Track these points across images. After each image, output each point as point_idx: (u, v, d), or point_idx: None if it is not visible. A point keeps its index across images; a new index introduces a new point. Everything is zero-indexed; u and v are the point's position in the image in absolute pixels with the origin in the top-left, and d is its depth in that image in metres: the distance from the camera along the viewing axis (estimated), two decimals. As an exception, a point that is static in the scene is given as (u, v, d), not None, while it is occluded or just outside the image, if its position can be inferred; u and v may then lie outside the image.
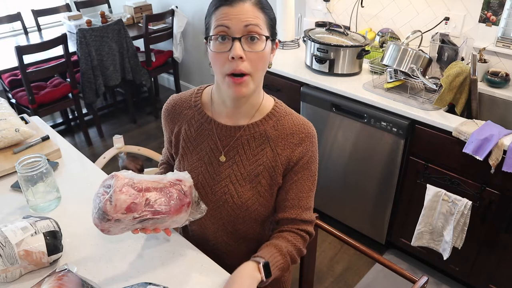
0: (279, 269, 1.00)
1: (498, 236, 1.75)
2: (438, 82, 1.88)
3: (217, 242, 1.15)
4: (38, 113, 2.86)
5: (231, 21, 0.88)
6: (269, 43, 0.94)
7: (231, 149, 1.05)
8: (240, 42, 0.89)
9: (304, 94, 2.18)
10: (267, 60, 0.96)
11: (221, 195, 1.05)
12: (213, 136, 1.06)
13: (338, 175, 2.23)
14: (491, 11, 1.96)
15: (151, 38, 3.42)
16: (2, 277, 0.96)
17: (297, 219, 1.06)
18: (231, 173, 1.05)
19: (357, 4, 2.44)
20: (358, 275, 2.16)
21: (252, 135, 1.04)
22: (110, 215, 0.87)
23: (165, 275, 1.01)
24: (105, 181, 0.92)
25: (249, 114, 1.04)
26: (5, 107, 1.53)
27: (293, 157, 1.03)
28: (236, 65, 0.90)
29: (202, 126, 1.07)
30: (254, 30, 0.89)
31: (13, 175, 1.36)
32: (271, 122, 1.04)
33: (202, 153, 1.07)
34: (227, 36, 0.89)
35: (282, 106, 1.07)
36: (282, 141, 1.03)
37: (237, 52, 0.88)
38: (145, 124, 3.71)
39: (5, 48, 3.16)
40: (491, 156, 1.59)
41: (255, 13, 0.90)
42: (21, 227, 0.98)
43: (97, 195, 0.90)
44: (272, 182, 1.04)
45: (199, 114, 1.08)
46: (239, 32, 0.89)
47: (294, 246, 1.04)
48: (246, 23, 0.88)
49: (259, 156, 1.03)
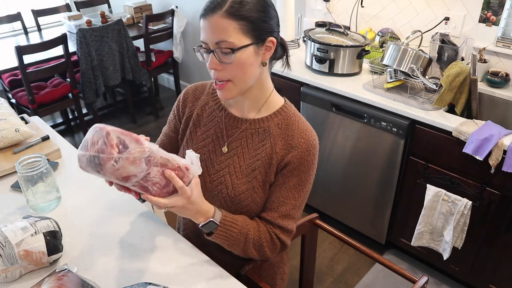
0: (224, 237, 0.99)
1: (498, 236, 1.75)
2: (438, 82, 1.88)
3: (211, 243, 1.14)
4: (38, 113, 2.85)
5: (205, 36, 0.92)
6: (248, 50, 0.93)
7: (234, 140, 1.07)
8: (214, 54, 0.92)
9: (304, 94, 2.18)
10: (247, 67, 0.95)
11: (217, 184, 1.07)
12: (221, 124, 1.09)
13: (338, 175, 2.23)
14: (491, 11, 1.96)
15: (151, 38, 3.42)
16: (2, 277, 0.96)
17: (272, 222, 1.04)
18: (230, 164, 1.06)
19: (357, 4, 2.44)
20: (358, 275, 2.16)
21: (257, 130, 1.05)
22: (103, 171, 0.81)
23: (165, 275, 1.01)
24: (126, 134, 0.82)
25: (255, 107, 1.06)
26: (5, 107, 1.53)
27: (285, 158, 1.02)
28: (214, 74, 0.96)
29: (213, 113, 1.11)
30: (222, 45, 0.91)
31: (13, 175, 1.36)
32: (277, 119, 1.05)
33: (208, 140, 1.10)
34: (206, 49, 0.94)
35: (291, 107, 1.08)
36: (282, 141, 1.03)
37: (210, 65, 0.94)
38: (145, 124, 3.71)
39: (5, 48, 3.16)
40: (491, 156, 1.59)
41: (224, 25, 0.89)
42: (21, 227, 0.98)
43: (105, 137, 0.80)
44: (266, 178, 1.05)
45: (213, 100, 1.12)
46: (212, 45, 0.92)
47: (259, 237, 1.02)
48: (215, 40, 0.91)
49: (259, 151, 1.04)
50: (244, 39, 0.92)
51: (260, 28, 0.93)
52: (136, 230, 1.15)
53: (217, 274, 1.02)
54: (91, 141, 0.82)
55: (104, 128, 0.82)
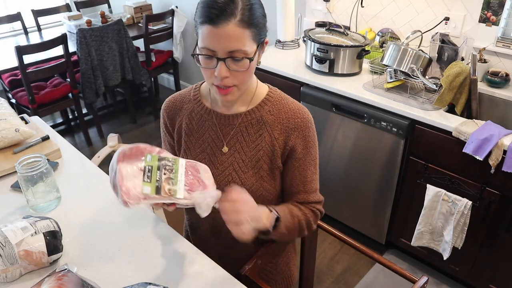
0: (286, 227, 1.02)
1: (498, 236, 1.75)
2: (438, 82, 1.87)
3: (227, 232, 1.15)
4: (38, 113, 2.86)
5: (215, 44, 0.88)
6: (256, 55, 0.94)
7: (231, 137, 1.07)
8: (225, 63, 0.89)
9: (304, 94, 2.18)
10: (253, 70, 0.97)
11: (226, 183, 1.07)
12: (214, 127, 1.08)
13: (338, 175, 2.23)
14: (491, 11, 1.96)
15: (151, 38, 3.42)
16: (2, 277, 0.96)
17: (307, 201, 1.09)
18: (234, 161, 1.06)
19: (357, 4, 2.44)
20: (358, 275, 2.16)
21: (250, 122, 1.06)
22: (120, 197, 0.84)
23: (165, 275, 1.01)
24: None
25: (245, 102, 1.06)
26: (5, 107, 1.53)
27: (289, 141, 1.05)
28: (222, 81, 0.92)
29: (202, 118, 1.09)
30: (238, 54, 0.89)
31: (13, 175, 1.36)
32: (267, 107, 1.06)
33: (205, 145, 1.09)
34: (212, 56, 0.90)
35: (276, 91, 1.09)
36: (279, 125, 1.05)
37: (221, 73, 0.90)
38: (145, 124, 3.71)
39: (5, 48, 3.16)
40: (491, 156, 1.59)
41: (239, 34, 0.88)
42: (21, 227, 0.98)
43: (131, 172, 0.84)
44: (273, 165, 1.07)
45: (198, 106, 1.10)
46: (223, 54, 0.89)
47: (305, 215, 1.07)
48: (230, 49, 0.88)
49: (258, 141, 1.05)
50: (253, 45, 0.92)
51: (263, 32, 0.95)
52: (136, 230, 1.15)
53: (217, 274, 1.02)
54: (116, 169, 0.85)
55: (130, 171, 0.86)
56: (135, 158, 0.87)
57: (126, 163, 0.85)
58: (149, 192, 0.84)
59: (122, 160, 0.85)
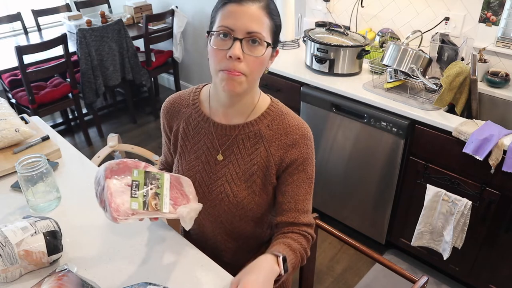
0: (292, 265, 0.99)
1: (498, 236, 1.75)
2: (438, 82, 1.87)
3: (216, 240, 1.15)
4: (38, 113, 2.86)
5: (236, 22, 0.88)
6: (269, 50, 0.94)
7: (227, 148, 1.05)
8: (240, 43, 0.89)
9: (304, 94, 2.18)
10: (264, 65, 0.96)
11: (218, 194, 1.06)
12: (210, 135, 1.06)
13: (338, 175, 2.23)
14: (491, 11, 1.96)
15: (151, 38, 3.42)
16: (2, 277, 0.96)
17: (295, 223, 1.04)
18: (227, 172, 1.05)
19: (357, 4, 2.44)
20: (358, 275, 2.16)
21: (247, 135, 1.03)
22: (109, 213, 0.86)
23: (165, 275, 1.01)
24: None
25: (244, 114, 1.04)
26: (5, 107, 1.53)
27: (286, 158, 1.02)
28: (233, 65, 0.89)
29: (199, 125, 1.07)
30: (257, 36, 0.89)
31: (13, 175, 1.36)
32: (266, 121, 1.03)
33: (200, 152, 1.07)
34: (229, 35, 0.89)
35: (278, 105, 1.06)
36: (276, 141, 1.02)
37: (235, 52, 0.88)
38: (145, 124, 3.71)
39: (5, 48, 3.16)
40: (491, 156, 1.59)
41: (261, 18, 0.90)
42: (21, 227, 0.98)
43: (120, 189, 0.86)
44: (266, 181, 1.04)
45: (196, 112, 1.08)
46: (242, 34, 0.88)
47: (301, 245, 1.03)
48: (250, 29, 0.88)
49: (254, 155, 1.03)
50: (269, 38, 0.93)
51: (277, 35, 0.97)
52: (136, 230, 1.15)
53: (217, 274, 1.02)
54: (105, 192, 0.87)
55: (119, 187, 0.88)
56: (122, 174, 0.89)
57: (113, 179, 0.87)
58: (137, 208, 0.86)
59: (109, 176, 0.87)
